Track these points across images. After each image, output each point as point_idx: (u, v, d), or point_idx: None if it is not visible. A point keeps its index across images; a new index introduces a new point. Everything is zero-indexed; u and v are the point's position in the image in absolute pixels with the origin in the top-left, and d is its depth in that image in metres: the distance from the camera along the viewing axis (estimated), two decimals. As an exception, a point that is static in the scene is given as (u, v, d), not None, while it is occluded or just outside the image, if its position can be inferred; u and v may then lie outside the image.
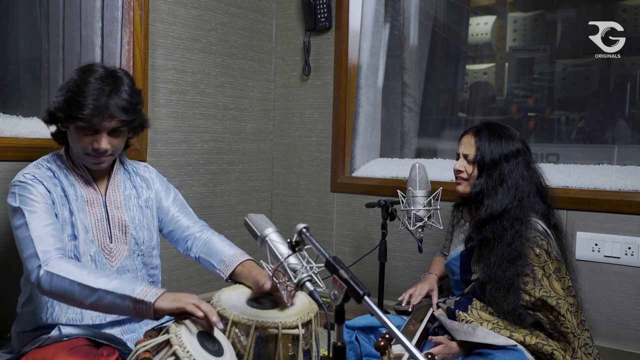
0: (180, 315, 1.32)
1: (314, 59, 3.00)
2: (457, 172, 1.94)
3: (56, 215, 1.54)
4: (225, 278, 1.68)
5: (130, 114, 1.56)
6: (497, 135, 1.86)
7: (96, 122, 1.51)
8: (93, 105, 1.49)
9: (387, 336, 1.22)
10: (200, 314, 1.29)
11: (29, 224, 1.47)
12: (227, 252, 1.71)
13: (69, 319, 1.57)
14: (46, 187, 1.54)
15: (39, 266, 1.41)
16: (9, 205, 1.53)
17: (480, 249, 1.84)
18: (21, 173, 1.56)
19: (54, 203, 1.54)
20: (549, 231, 1.81)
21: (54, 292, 1.41)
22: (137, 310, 1.35)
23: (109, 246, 1.65)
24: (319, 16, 2.91)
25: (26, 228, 1.47)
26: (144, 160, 2.41)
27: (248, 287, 1.61)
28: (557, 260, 1.79)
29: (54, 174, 1.59)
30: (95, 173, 1.66)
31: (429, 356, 1.10)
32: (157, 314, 1.34)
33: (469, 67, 3.34)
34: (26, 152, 1.96)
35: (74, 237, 1.57)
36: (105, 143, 1.54)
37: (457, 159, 1.95)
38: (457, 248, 2.00)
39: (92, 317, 1.60)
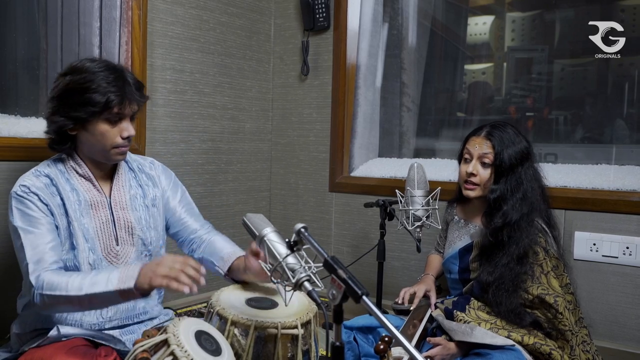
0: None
1: (312, 58, 3.00)
2: (469, 175, 1.85)
3: (57, 227, 1.54)
4: (223, 274, 1.68)
5: (142, 94, 1.60)
6: (511, 137, 1.81)
7: (123, 109, 1.54)
8: (119, 93, 1.51)
9: (386, 339, 1.22)
10: (173, 286, 1.34)
11: (25, 246, 1.48)
12: (226, 250, 1.72)
13: (68, 324, 1.57)
14: (42, 200, 1.52)
15: (34, 291, 1.44)
16: (8, 220, 1.53)
17: (491, 250, 1.82)
18: (18, 183, 1.54)
19: (53, 215, 1.53)
20: (547, 229, 1.82)
21: (51, 309, 1.47)
22: (125, 298, 1.41)
23: (115, 249, 1.63)
24: (318, 16, 2.91)
25: (23, 250, 1.48)
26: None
27: (243, 283, 1.62)
28: (554, 258, 1.79)
29: (52, 181, 1.57)
30: (98, 174, 1.64)
31: (428, 359, 1.10)
32: (144, 294, 1.39)
33: (468, 67, 3.34)
34: (24, 152, 1.96)
35: (72, 246, 1.56)
36: (132, 128, 1.59)
37: (465, 161, 1.89)
38: (454, 246, 1.99)
39: (92, 324, 1.60)
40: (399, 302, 1.98)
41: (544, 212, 1.85)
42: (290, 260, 1.31)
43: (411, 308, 1.95)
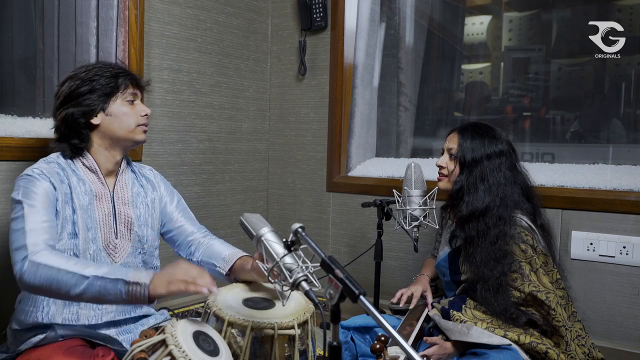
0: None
1: (309, 58, 3.00)
2: (439, 167, 1.96)
3: (57, 212, 1.54)
4: (224, 274, 1.69)
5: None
6: (480, 134, 1.88)
7: (134, 87, 1.67)
8: (121, 71, 1.65)
9: (382, 338, 1.22)
10: (192, 288, 1.34)
11: (25, 217, 1.47)
12: (226, 252, 1.74)
13: (64, 318, 1.57)
14: (53, 184, 1.54)
15: (25, 257, 1.40)
16: (11, 198, 1.53)
17: (466, 248, 1.85)
18: (30, 167, 1.57)
19: (57, 200, 1.55)
20: (533, 226, 1.82)
21: (37, 283, 1.38)
22: (130, 293, 1.35)
23: (114, 242, 1.66)
24: (315, 16, 2.91)
25: (22, 220, 1.47)
26: (139, 160, 2.41)
27: (245, 282, 1.63)
28: (543, 254, 1.80)
29: (63, 170, 1.60)
30: (103, 169, 1.68)
31: (424, 358, 1.10)
32: (151, 296, 1.35)
33: (465, 66, 3.35)
34: (21, 152, 1.96)
35: (74, 235, 1.57)
36: (146, 107, 1.70)
37: (441, 154, 1.98)
38: (445, 249, 2.01)
39: (89, 317, 1.60)
40: (394, 302, 1.99)
41: (529, 211, 1.85)
42: (288, 260, 1.31)
43: (409, 307, 1.96)
